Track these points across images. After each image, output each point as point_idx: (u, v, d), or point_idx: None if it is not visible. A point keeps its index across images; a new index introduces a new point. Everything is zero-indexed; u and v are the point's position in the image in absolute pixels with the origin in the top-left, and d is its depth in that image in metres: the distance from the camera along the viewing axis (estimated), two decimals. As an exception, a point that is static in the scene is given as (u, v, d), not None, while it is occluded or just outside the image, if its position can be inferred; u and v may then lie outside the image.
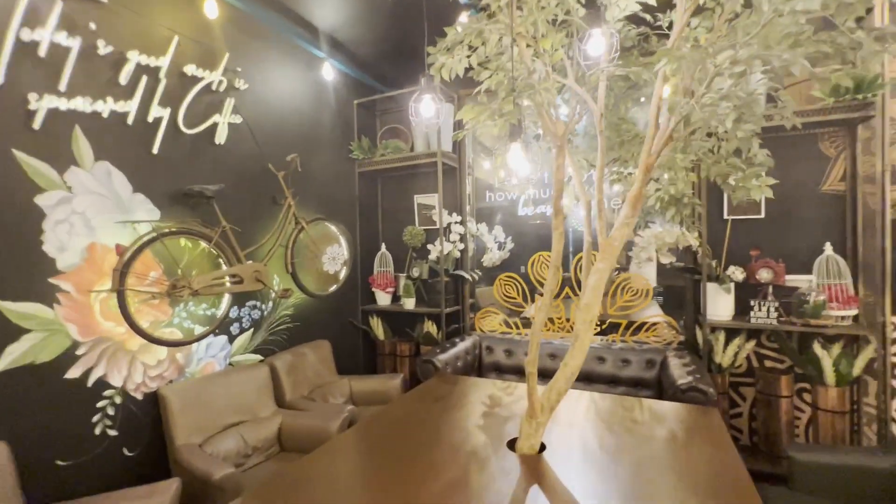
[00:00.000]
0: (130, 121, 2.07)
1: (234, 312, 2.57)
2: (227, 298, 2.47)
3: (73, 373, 1.88)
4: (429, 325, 3.47)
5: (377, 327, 3.69)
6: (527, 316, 3.47)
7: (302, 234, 2.85)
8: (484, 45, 1.57)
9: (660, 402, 2.14)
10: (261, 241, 2.63)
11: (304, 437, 2.33)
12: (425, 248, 3.71)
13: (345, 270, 3.23)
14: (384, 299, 3.74)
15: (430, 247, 3.52)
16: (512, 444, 1.70)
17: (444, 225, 3.44)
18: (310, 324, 3.13)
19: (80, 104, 1.90)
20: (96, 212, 1.96)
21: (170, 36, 2.21)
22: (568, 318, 3.31)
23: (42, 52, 1.77)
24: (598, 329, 3.25)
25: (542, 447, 1.64)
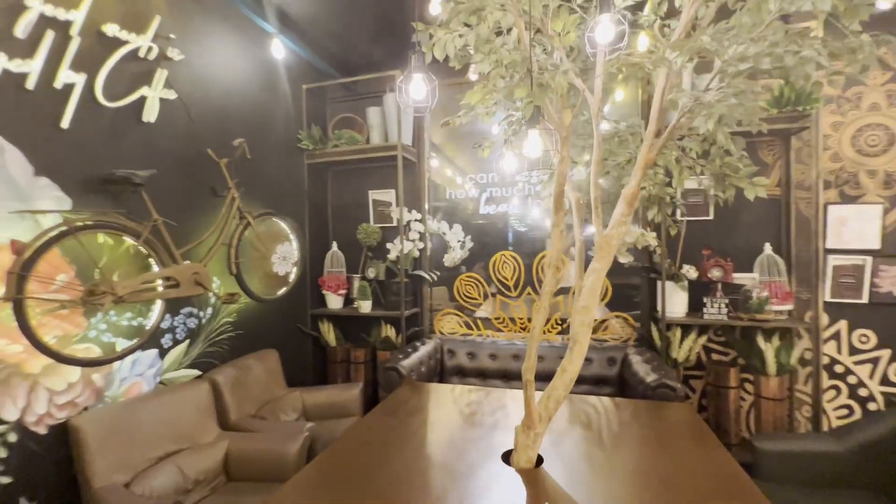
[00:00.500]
0: (31, 85, 1.65)
1: (167, 322, 2.19)
2: (159, 305, 2.09)
3: (-52, 407, 1.45)
4: (387, 330, 3.26)
5: (328, 333, 3.40)
6: (486, 316, 3.40)
7: (248, 231, 2.52)
8: (481, 24, 1.43)
9: (634, 402, 2.15)
10: (200, 237, 2.27)
11: (257, 463, 2.03)
12: (381, 246, 3.49)
13: (295, 271, 2.92)
14: (336, 302, 3.46)
15: (390, 245, 3.31)
16: (507, 458, 1.58)
17: (405, 223, 3.25)
18: (254, 331, 2.78)
19: (-41, 59, 1.47)
20: (-18, 199, 1.53)
21: (85, -14, 1.81)
22: (529, 318, 3.28)
23: None
24: (559, 328, 3.26)
25: (540, 459, 1.54)
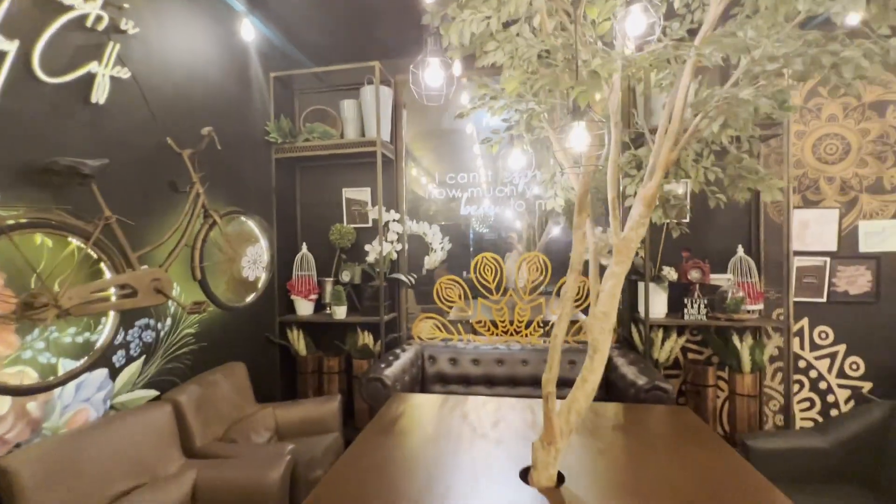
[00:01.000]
0: (-52, 50, 1.34)
1: (120, 336, 1.89)
2: (112, 318, 1.79)
3: None
4: (364, 337, 3.06)
5: (298, 341, 3.15)
6: (464, 319, 3.29)
7: (213, 232, 2.24)
8: (502, 8, 1.31)
9: (632, 406, 2.13)
10: (160, 239, 1.98)
11: (232, 495, 1.79)
12: (356, 248, 3.29)
13: (265, 276, 2.66)
14: (306, 308, 3.22)
15: (368, 247, 3.11)
16: (524, 476, 1.48)
17: (383, 223, 3.07)
18: (219, 343, 2.50)
19: None
20: None
21: (19, -64, 1.50)
22: (511, 321, 3.21)
23: None
24: (542, 331, 3.22)
25: (560, 477, 1.45)
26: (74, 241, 1.64)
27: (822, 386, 2.97)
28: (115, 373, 1.87)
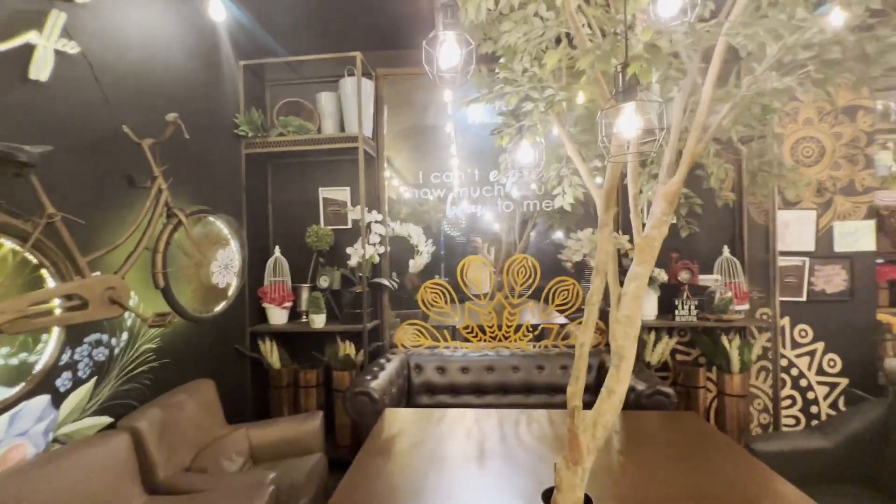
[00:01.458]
0: None
1: (66, 356, 1.60)
2: (56, 334, 1.51)
3: None
4: (346, 346, 2.85)
5: (270, 353, 2.88)
6: (454, 325, 3.14)
7: (178, 233, 1.98)
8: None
9: (639, 414, 2.05)
10: (115, 241, 1.71)
11: (205, 535, 1.55)
12: (334, 252, 3.07)
13: (236, 282, 2.41)
14: (279, 317, 2.96)
15: (350, 250, 2.90)
16: (547, 498, 1.34)
17: (366, 224, 2.87)
18: (184, 358, 2.22)
19: None
20: None
21: None
22: (500, 326, 3.09)
23: None
24: (531, 335, 3.12)
25: (587, 500, 1.32)
26: (8, 244, 1.36)
27: (802, 383, 3.02)
28: (59, 399, 1.59)
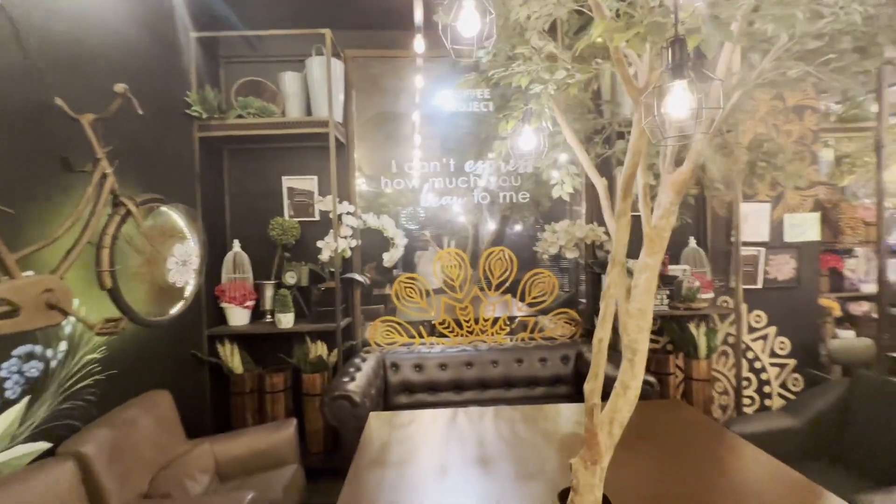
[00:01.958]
0: None
1: (-11, 373, 1.33)
2: (-22, 350, 1.24)
3: None
4: (317, 347, 2.65)
5: (231, 357, 2.63)
6: (430, 321, 3.04)
7: (127, 226, 1.71)
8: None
9: (627, 403, 2.05)
10: (50, 235, 1.43)
11: (176, 571, 1.36)
12: (302, 245, 2.85)
13: (194, 281, 2.15)
14: (240, 317, 2.71)
15: (321, 243, 2.69)
16: (563, 499, 1.28)
17: (337, 216, 2.68)
18: (134, 368, 1.95)
19: None
20: None
21: None
22: (477, 320, 3.02)
23: None
24: (508, 329, 3.08)
25: (606, 500, 1.28)
26: None
27: (757, 365, 3.21)
28: (-18, 426, 1.31)
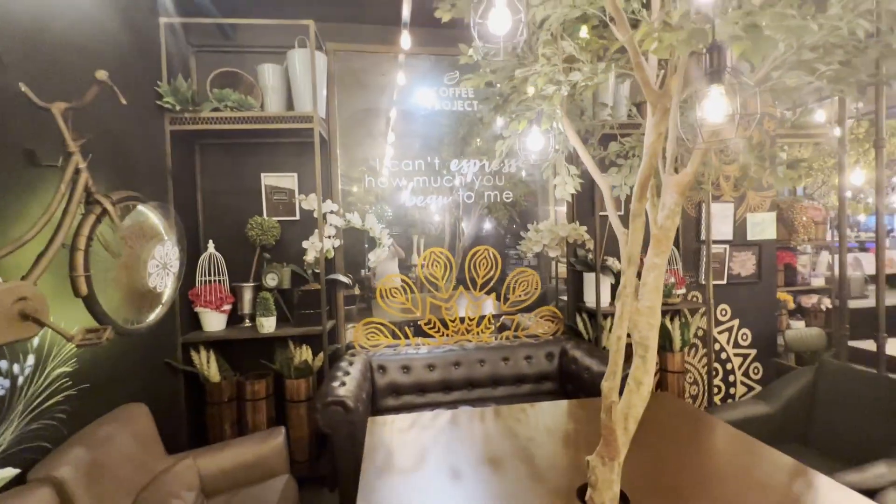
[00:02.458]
0: None
1: (-49, 395, 1.17)
2: (-57, 369, 1.09)
3: None
4: (302, 351, 2.55)
5: (207, 364, 2.48)
6: (416, 321, 3.01)
7: (104, 226, 1.57)
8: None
9: (619, 397, 2.12)
10: (18, 237, 1.28)
11: None
12: (282, 246, 2.73)
13: (172, 284, 2.00)
14: (216, 322, 2.56)
15: (305, 244, 2.58)
16: (582, 495, 1.30)
17: (322, 215, 2.58)
18: (107, 381, 1.79)
19: None
20: None
21: None
22: (462, 319, 3.02)
23: None
24: (492, 328, 3.10)
25: (623, 496, 1.31)
26: None
27: (723, 356, 3.42)
28: (-58, 454, 1.16)
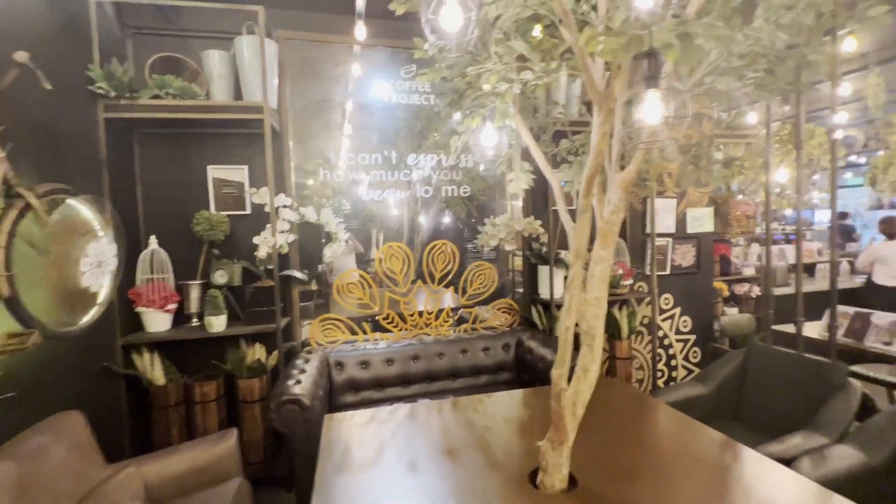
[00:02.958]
0: None
1: None
2: None
3: None
4: (254, 350, 2.47)
5: (151, 367, 2.35)
6: (374, 317, 2.99)
7: (27, 222, 1.44)
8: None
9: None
10: (-73, 233, 1.16)
11: None
12: (231, 242, 2.62)
13: (109, 283, 1.87)
14: (161, 322, 2.43)
15: (258, 239, 2.49)
16: (534, 480, 1.36)
17: (274, 209, 2.50)
18: (36, 388, 1.66)
19: None
20: None
21: None
22: (421, 313, 3.03)
23: None
24: (450, 321, 3.13)
25: (572, 478, 1.37)
26: None
27: (666, 342, 3.65)
28: None
